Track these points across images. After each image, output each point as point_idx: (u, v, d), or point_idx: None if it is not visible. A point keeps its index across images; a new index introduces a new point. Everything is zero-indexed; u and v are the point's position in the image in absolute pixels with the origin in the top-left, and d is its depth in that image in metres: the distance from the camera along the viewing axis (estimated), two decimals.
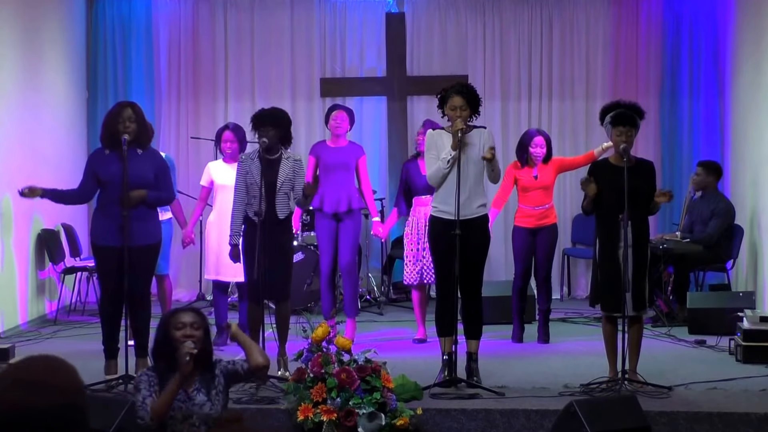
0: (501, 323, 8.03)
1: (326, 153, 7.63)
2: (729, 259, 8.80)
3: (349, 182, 7.68)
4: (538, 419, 5.51)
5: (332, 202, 7.55)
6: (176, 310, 4.43)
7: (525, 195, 7.76)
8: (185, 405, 4.15)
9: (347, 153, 7.70)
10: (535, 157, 7.71)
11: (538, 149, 7.71)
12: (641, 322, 6.15)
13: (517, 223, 7.81)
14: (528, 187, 7.72)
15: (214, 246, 7.59)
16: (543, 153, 7.71)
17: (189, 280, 10.42)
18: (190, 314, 4.28)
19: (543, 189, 7.74)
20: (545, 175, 7.74)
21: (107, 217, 6.10)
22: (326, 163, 7.61)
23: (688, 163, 10.36)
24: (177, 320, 4.21)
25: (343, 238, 7.63)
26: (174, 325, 4.20)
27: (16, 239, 8.57)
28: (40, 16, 9.20)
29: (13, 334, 8.18)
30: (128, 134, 6.04)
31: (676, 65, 10.46)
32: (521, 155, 7.77)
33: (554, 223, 7.83)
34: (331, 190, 7.54)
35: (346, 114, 7.74)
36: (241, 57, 10.65)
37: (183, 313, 4.29)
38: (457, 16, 10.64)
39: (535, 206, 7.72)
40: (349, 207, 7.61)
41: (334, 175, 7.58)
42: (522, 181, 7.73)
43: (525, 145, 7.77)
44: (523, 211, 7.77)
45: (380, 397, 5.38)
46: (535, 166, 7.73)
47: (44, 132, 9.21)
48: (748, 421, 5.43)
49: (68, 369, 2.15)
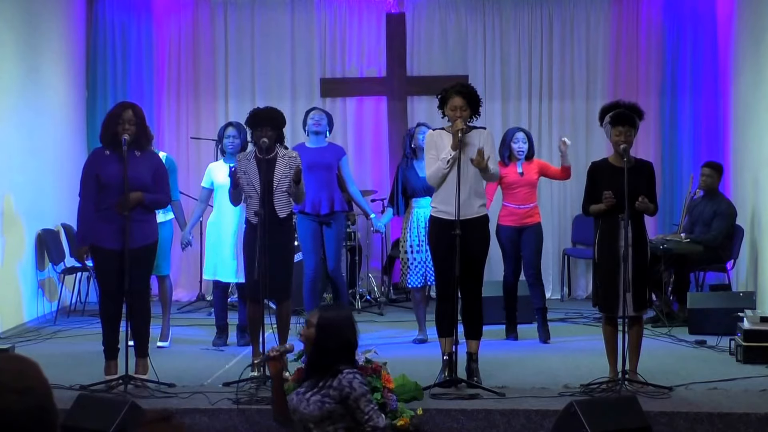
0: (501, 323, 8.02)
1: (306, 154, 7.64)
2: (729, 259, 8.79)
3: (331, 183, 7.73)
4: (538, 419, 5.50)
5: (314, 203, 7.58)
6: (347, 311, 4.69)
7: (510, 193, 7.78)
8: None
9: (328, 153, 7.75)
10: (517, 152, 7.73)
11: (520, 144, 7.74)
12: (641, 323, 6.15)
13: (501, 222, 7.82)
14: (513, 184, 7.73)
15: (214, 247, 7.58)
16: (525, 148, 7.74)
17: (189, 280, 10.42)
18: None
19: (528, 186, 7.76)
20: (529, 172, 7.77)
21: (106, 219, 6.08)
22: (306, 164, 7.62)
23: (688, 163, 10.36)
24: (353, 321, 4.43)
25: (328, 244, 7.69)
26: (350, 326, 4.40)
27: (16, 239, 8.57)
28: (40, 16, 9.20)
29: (13, 334, 8.18)
30: (127, 136, 6.03)
31: (676, 65, 10.46)
32: (503, 153, 7.79)
33: (538, 222, 7.85)
34: (312, 191, 7.54)
35: (324, 114, 7.91)
36: (241, 57, 10.66)
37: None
38: (457, 16, 10.64)
39: (519, 204, 7.74)
40: (332, 209, 7.64)
41: (315, 176, 7.61)
42: (507, 178, 7.73)
43: (507, 141, 7.81)
44: (507, 209, 7.79)
45: (380, 397, 5.37)
46: (518, 161, 7.74)
47: (44, 132, 9.21)
48: (748, 422, 5.42)
49: (33, 368, 2.03)
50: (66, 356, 7.18)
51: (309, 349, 4.33)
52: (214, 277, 7.62)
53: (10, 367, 2.00)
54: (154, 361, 6.23)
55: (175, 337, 7.84)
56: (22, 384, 1.96)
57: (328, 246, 7.72)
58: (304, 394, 4.27)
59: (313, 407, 4.19)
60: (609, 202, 5.91)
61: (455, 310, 6.06)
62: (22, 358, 2.04)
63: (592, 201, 6.12)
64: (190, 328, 8.48)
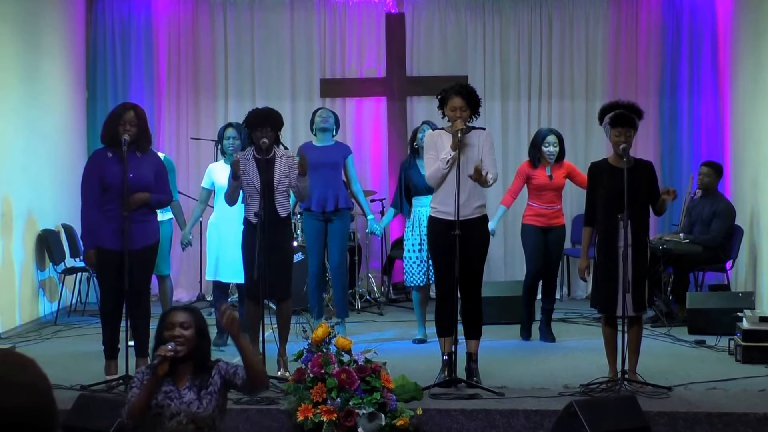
0: (501, 323, 8.03)
1: (313, 152, 7.65)
2: (728, 259, 8.80)
3: (337, 181, 7.73)
4: (538, 419, 5.51)
5: (319, 200, 7.58)
6: (171, 308, 4.38)
7: (537, 194, 7.75)
8: (174, 402, 4.13)
9: (334, 152, 7.76)
10: (548, 156, 7.71)
11: (551, 148, 7.70)
12: (641, 323, 6.16)
13: (526, 221, 7.80)
14: (542, 186, 7.71)
15: (214, 247, 7.59)
16: (555, 152, 7.70)
17: (189, 280, 10.43)
18: (182, 313, 4.22)
19: (556, 190, 7.75)
20: (558, 175, 7.74)
21: (108, 220, 6.08)
22: (313, 162, 7.63)
23: (688, 163, 10.36)
24: (168, 320, 4.19)
25: (332, 240, 7.68)
26: (165, 324, 4.19)
27: (16, 239, 8.57)
28: (40, 16, 9.20)
29: (13, 335, 8.19)
30: (128, 136, 6.04)
31: (676, 65, 10.46)
32: (534, 155, 7.75)
33: (563, 224, 7.86)
34: (318, 188, 7.55)
35: (331, 113, 7.92)
36: (241, 57, 10.66)
37: (175, 312, 4.23)
38: (457, 16, 10.64)
39: (546, 205, 7.73)
40: (337, 206, 7.65)
41: (321, 174, 7.61)
42: (536, 180, 7.71)
43: (537, 144, 7.77)
44: (534, 209, 7.76)
45: (380, 397, 5.38)
46: (548, 165, 7.72)
47: (44, 132, 9.21)
48: (747, 422, 5.43)
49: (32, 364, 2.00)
50: (66, 356, 7.19)
51: (188, 352, 4.15)
52: (216, 278, 7.62)
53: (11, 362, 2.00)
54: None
55: None
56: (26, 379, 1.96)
57: (333, 241, 7.70)
58: (188, 395, 4.15)
59: (208, 404, 4.14)
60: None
61: (455, 310, 6.07)
62: (19, 354, 2.03)
63: (592, 202, 6.15)
64: None
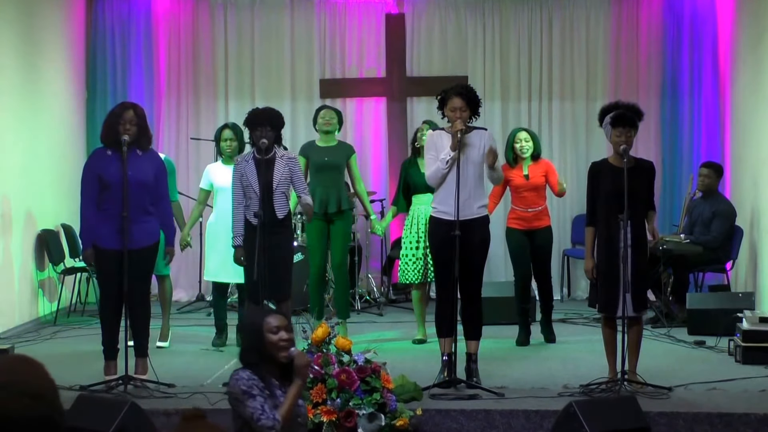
0: (501, 324, 8.02)
1: (316, 153, 7.64)
2: (728, 259, 8.79)
3: (339, 182, 7.70)
4: (538, 420, 5.51)
5: (322, 202, 7.57)
6: (263, 313, 4.31)
7: (517, 196, 7.74)
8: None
9: (337, 153, 7.72)
10: (519, 151, 7.69)
11: (522, 143, 7.70)
12: (641, 323, 6.15)
13: (510, 225, 7.80)
14: (520, 187, 7.70)
15: (214, 247, 7.58)
16: (529, 146, 7.69)
17: (189, 280, 10.42)
18: (277, 317, 4.18)
19: (535, 190, 7.69)
20: (536, 174, 7.70)
21: (108, 220, 6.08)
22: (316, 163, 7.61)
23: (688, 163, 10.36)
24: (270, 325, 4.11)
25: (334, 240, 7.66)
26: (269, 329, 4.11)
27: (15, 239, 8.57)
28: (40, 16, 9.19)
29: (12, 335, 8.18)
30: (128, 136, 6.04)
31: (677, 65, 10.46)
32: (508, 155, 7.76)
33: (548, 225, 7.80)
34: (320, 190, 7.55)
35: (334, 112, 7.84)
36: (241, 57, 10.66)
37: (273, 317, 4.17)
38: (457, 17, 10.64)
39: (527, 208, 7.70)
40: (339, 207, 7.62)
41: (324, 175, 7.60)
42: (513, 181, 7.70)
43: (510, 143, 7.79)
44: (515, 213, 7.76)
45: (380, 397, 5.38)
46: (525, 164, 7.70)
47: (44, 132, 9.21)
48: (747, 422, 5.43)
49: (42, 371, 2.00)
50: (66, 356, 7.18)
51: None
52: (215, 279, 7.61)
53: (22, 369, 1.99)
54: (153, 362, 6.24)
55: (175, 337, 7.84)
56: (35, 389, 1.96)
57: (334, 242, 7.67)
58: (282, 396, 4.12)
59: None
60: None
61: (455, 311, 6.07)
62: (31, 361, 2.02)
63: (593, 201, 6.14)
64: (190, 328, 8.48)
